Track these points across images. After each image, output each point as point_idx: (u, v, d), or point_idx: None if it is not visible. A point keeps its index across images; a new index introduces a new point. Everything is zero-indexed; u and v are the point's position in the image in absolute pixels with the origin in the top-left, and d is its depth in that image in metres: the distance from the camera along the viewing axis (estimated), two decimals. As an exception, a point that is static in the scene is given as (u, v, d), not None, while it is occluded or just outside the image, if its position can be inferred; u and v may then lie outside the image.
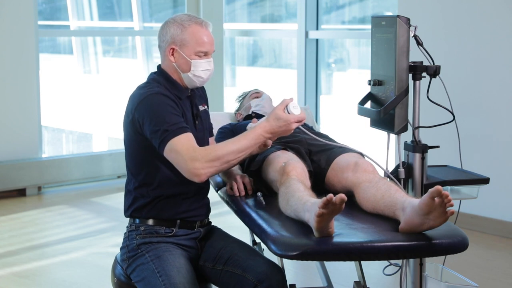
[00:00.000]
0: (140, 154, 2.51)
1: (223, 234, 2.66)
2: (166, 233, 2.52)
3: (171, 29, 2.51)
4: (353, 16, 6.70)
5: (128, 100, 2.52)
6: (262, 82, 7.47)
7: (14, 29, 5.66)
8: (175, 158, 2.37)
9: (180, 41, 2.50)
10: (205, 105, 2.69)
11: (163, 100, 2.43)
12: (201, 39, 2.50)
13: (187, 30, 2.50)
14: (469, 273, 3.75)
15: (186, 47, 2.50)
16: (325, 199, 2.02)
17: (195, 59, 2.51)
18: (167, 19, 2.56)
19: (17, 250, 4.36)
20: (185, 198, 2.54)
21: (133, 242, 2.53)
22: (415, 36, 2.49)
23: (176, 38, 2.50)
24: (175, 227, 2.53)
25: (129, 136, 2.53)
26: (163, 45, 2.55)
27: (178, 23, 2.51)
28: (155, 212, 2.53)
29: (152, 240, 2.51)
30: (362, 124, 2.79)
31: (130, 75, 8.43)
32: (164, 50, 2.54)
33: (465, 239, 2.15)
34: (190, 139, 2.39)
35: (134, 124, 2.47)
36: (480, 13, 4.69)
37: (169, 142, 2.37)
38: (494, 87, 4.66)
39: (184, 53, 2.51)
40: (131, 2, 8.08)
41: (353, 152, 2.67)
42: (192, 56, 2.50)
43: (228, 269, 2.48)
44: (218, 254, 2.53)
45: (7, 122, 5.69)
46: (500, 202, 4.63)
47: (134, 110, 2.46)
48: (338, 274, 3.72)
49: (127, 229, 2.59)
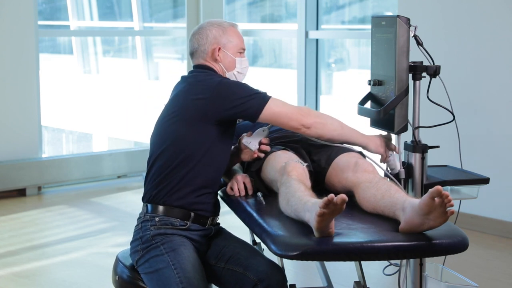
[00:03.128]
0: (195, 134, 2.53)
1: (227, 234, 2.70)
2: (180, 225, 2.54)
3: (212, 32, 2.67)
4: (353, 16, 6.70)
5: (193, 86, 2.57)
6: (262, 82, 7.47)
7: (14, 29, 5.66)
8: (282, 110, 2.55)
9: (224, 42, 2.67)
10: None
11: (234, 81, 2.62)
12: (241, 38, 2.71)
13: (228, 31, 2.68)
14: (469, 273, 3.75)
15: (230, 47, 2.67)
16: (326, 199, 2.02)
17: (239, 57, 2.69)
18: (199, 25, 2.71)
19: (17, 250, 4.36)
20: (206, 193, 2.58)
21: (147, 233, 2.53)
22: (415, 36, 2.49)
23: (219, 39, 2.67)
24: (189, 221, 2.54)
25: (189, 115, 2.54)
26: (205, 48, 2.66)
27: (217, 25, 2.68)
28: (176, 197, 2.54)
29: (167, 231, 2.53)
30: (362, 124, 2.79)
31: (130, 75, 8.43)
32: (207, 52, 2.67)
33: (465, 239, 2.15)
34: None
35: (206, 105, 2.51)
36: (480, 13, 4.69)
37: (271, 99, 2.55)
38: (494, 87, 4.66)
39: (229, 52, 2.67)
40: (131, 2, 8.08)
41: (353, 152, 2.67)
42: (236, 54, 2.69)
43: (229, 267, 2.51)
44: (220, 252, 2.56)
45: (7, 122, 5.69)
46: (500, 202, 4.63)
47: (212, 90, 2.51)
48: (338, 274, 3.72)
49: (138, 221, 2.60)
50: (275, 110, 2.54)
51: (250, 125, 3.08)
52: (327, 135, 2.61)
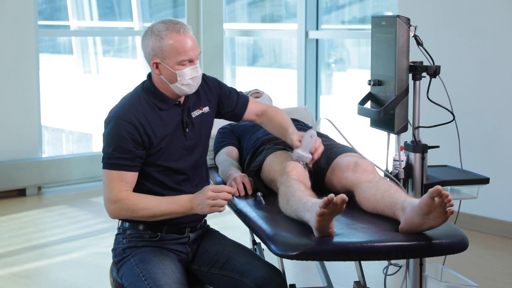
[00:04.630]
0: None
1: (219, 237, 2.62)
2: (151, 237, 2.50)
3: (150, 42, 2.43)
4: (353, 16, 6.70)
5: None
6: (262, 82, 7.47)
7: (14, 29, 5.66)
8: (104, 185, 2.42)
9: (161, 54, 2.41)
10: (203, 108, 2.58)
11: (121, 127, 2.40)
12: (181, 48, 2.40)
13: (165, 41, 2.40)
14: (469, 273, 3.75)
15: (168, 59, 2.41)
16: (326, 199, 2.02)
17: (180, 69, 2.41)
18: (146, 29, 2.47)
19: (17, 250, 4.36)
20: None
21: (119, 246, 2.53)
22: (415, 36, 2.49)
23: (157, 51, 2.41)
24: (162, 232, 2.50)
25: None
26: (147, 58, 2.47)
27: (156, 34, 2.41)
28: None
29: (137, 244, 2.50)
30: (362, 124, 2.79)
31: (130, 75, 8.43)
32: (148, 63, 2.48)
33: (465, 239, 2.15)
34: (122, 178, 2.39)
35: None
36: (480, 13, 4.69)
37: (104, 170, 2.41)
38: (494, 87, 4.66)
39: (167, 65, 2.42)
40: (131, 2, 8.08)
41: (353, 152, 2.67)
42: (176, 67, 2.41)
43: (225, 273, 2.46)
44: (213, 258, 2.50)
45: (7, 122, 5.69)
46: (500, 202, 4.63)
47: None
48: (338, 274, 3.72)
49: (116, 232, 2.59)
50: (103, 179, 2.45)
51: (250, 125, 3.09)
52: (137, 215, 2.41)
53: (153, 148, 2.43)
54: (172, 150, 2.47)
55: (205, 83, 2.60)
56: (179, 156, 2.49)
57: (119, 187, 2.39)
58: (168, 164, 2.46)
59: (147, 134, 2.42)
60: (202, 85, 2.58)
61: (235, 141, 3.11)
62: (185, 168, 2.50)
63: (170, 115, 2.48)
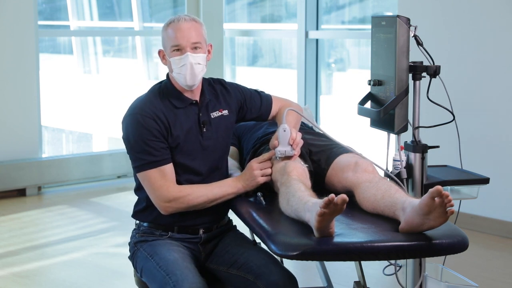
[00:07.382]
0: None
1: (241, 238, 2.65)
2: (161, 235, 2.56)
3: (162, 33, 2.53)
4: (353, 16, 6.70)
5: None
6: (262, 82, 7.47)
7: (14, 29, 5.66)
8: (148, 187, 2.48)
9: (163, 43, 2.51)
10: (223, 111, 2.61)
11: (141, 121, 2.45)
12: (172, 34, 2.46)
13: (166, 30, 2.49)
14: (469, 273, 3.75)
15: (165, 48, 2.51)
16: (327, 199, 2.02)
17: (172, 57, 2.48)
18: None
19: (17, 250, 4.36)
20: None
21: (132, 240, 2.61)
22: (415, 36, 2.49)
23: (162, 42, 2.52)
24: (172, 231, 2.57)
25: None
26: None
27: (164, 26, 2.51)
28: (153, 217, 2.57)
29: (147, 238, 2.57)
30: (362, 124, 2.79)
31: (130, 75, 8.43)
32: None
33: (465, 239, 2.15)
34: (163, 174, 2.44)
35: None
36: (480, 13, 4.69)
37: (141, 173, 2.46)
38: (494, 87, 4.66)
39: (167, 54, 2.51)
40: (131, 2, 8.08)
41: (353, 153, 2.67)
42: (170, 54, 2.48)
43: (241, 274, 2.48)
44: (232, 259, 2.53)
45: (7, 122, 5.69)
46: (500, 202, 4.63)
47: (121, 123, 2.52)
48: (338, 274, 3.72)
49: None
50: (143, 183, 2.50)
51: (250, 125, 3.08)
52: (193, 205, 2.49)
53: (172, 142, 2.48)
54: (189, 147, 2.52)
55: (223, 88, 2.66)
56: (196, 155, 2.54)
57: (167, 185, 2.45)
58: (184, 161, 2.51)
59: (165, 126, 2.47)
60: (221, 90, 2.64)
61: (235, 141, 3.11)
62: (201, 168, 2.55)
63: (187, 113, 2.53)
